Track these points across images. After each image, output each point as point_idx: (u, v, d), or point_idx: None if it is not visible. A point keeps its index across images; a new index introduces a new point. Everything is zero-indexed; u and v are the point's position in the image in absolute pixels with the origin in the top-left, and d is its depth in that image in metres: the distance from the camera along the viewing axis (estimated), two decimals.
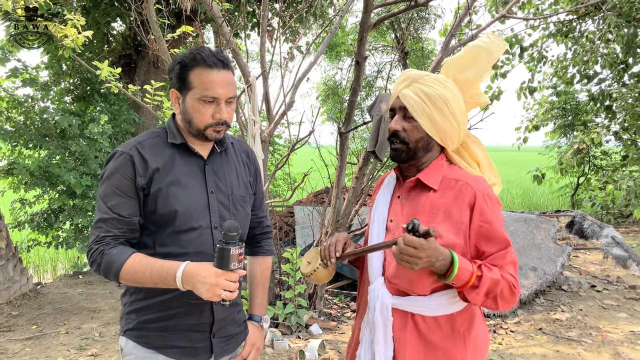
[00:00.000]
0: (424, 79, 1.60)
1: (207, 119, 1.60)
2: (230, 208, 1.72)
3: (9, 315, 5.11)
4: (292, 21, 5.23)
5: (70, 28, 4.14)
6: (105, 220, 1.60)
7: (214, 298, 1.45)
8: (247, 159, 1.89)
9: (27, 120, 6.97)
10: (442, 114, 1.57)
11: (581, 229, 6.37)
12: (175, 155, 1.67)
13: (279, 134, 10.55)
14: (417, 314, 1.56)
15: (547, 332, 4.66)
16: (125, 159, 1.61)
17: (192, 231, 1.63)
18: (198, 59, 1.57)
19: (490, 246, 1.51)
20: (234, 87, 1.63)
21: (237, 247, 1.44)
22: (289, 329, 4.62)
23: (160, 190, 1.61)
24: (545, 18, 9.32)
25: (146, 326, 1.68)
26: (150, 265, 1.54)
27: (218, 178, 1.73)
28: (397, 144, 1.61)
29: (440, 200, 1.55)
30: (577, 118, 11.61)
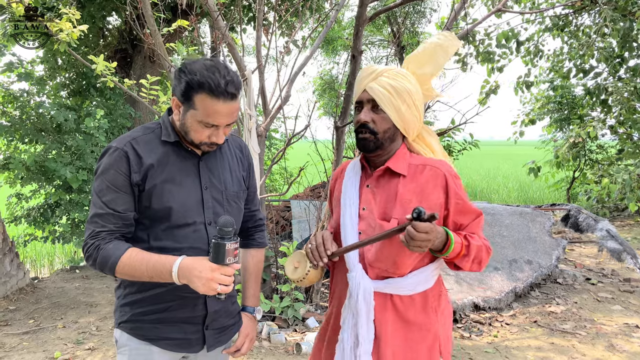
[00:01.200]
0: (389, 72, 1.70)
1: (203, 139, 1.63)
2: (224, 204, 1.75)
3: (6, 310, 5.12)
4: (287, 15, 5.22)
5: (66, 22, 4.12)
6: (101, 216, 1.61)
7: (209, 292, 1.48)
8: (241, 153, 1.90)
9: (22, 115, 6.95)
10: (407, 105, 1.68)
11: (576, 222, 6.40)
12: (170, 152, 1.69)
13: (275, 128, 10.55)
14: (395, 294, 1.69)
15: (542, 325, 4.69)
16: (119, 154, 1.62)
17: (186, 227, 1.66)
18: (205, 86, 1.52)
19: (465, 218, 1.70)
20: (236, 114, 1.63)
21: (233, 242, 1.48)
22: (285, 323, 4.64)
23: (155, 186, 1.63)
24: (541, 12, 9.31)
25: (140, 318, 1.71)
26: (146, 260, 1.56)
27: (212, 175, 1.75)
28: (365, 134, 1.70)
29: (411, 185, 1.68)
30: (573, 112, 11.64)
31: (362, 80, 1.73)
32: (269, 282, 5.03)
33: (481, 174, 21.73)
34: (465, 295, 5.00)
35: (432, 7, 12.69)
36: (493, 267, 5.45)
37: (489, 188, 17.04)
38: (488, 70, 9.49)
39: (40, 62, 7.85)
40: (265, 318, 4.67)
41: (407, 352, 1.68)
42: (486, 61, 9.43)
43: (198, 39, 7.18)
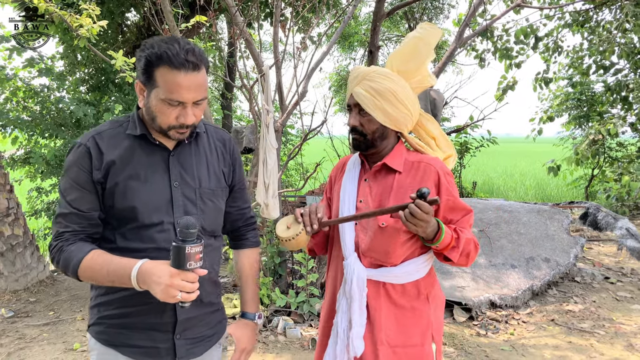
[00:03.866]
0: (371, 75, 1.76)
1: (171, 121, 1.49)
2: (197, 202, 1.61)
3: (27, 302, 5.21)
4: (305, 11, 5.22)
5: (86, 18, 4.17)
6: (65, 215, 1.53)
7: (169, 299, 1.35)
8: (223, 147, 1.76)
9: (43, 109, 7.06)
10: (392, 104, 1.74)
11: (595, 220, 6.32)
12: (135, 146, 1.57)
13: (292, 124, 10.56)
14: (388, 282, 1.77)
15: (559, 324, 4.65)
16: (82, 151, 1.53)
17: (153, 227, 1.54)
18: (164, 57, 1.41)
19: (456, 214, 1.77)
20: (203, 89, 1.49)
21: (195, 245, 1.35)
22: (301, 318, 4.66)
23: (117, 184, 1.52)
24: (561, 7, 9.19)
25: (105, 322, 1.61)
26: (108, 263, 1.45)
27: (184, 170, 1.61)
28: (356, 135, 1.80)
29: (406, 180, 1.77)
30: (593, 109, 11.48)
31: (350, 83, 1.82)
32: (284, 277, 5.05)
33: (498, 171, 21.54)
34: (482, 292, 4.98)
35: (451, 3, 12.59)
36: (510, 264, 5.41)
37: (506, 185, 16.89)
38: (506, 66, 9.39)
39: (60, 58, 7.96)
40: (280, 313, 4.70)
41: (400, 336, 1.76)
42: (504, 57, 9.33)
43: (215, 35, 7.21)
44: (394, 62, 1.85)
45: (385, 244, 1.74)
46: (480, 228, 5.97)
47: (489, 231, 5.94)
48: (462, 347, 4.16)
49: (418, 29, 1.87)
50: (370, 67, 1.81)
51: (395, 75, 1.79)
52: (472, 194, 12.75)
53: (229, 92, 11.70)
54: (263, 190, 4.10)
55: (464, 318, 4.75)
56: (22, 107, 7.05)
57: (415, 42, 1.83)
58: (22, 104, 7.05)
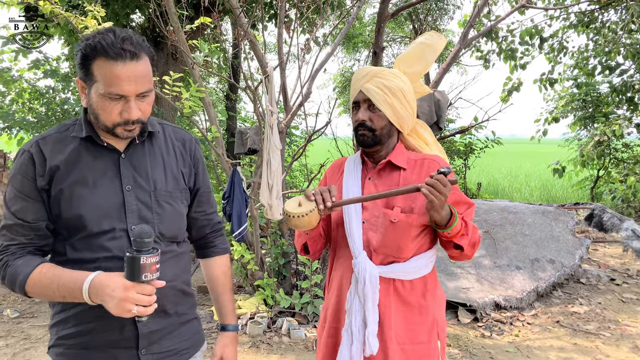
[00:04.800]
0: (382, 73, 1.81)
1: (115, 118, 1.38)
2: (152, 206, 1.49)
3: (32, 302, 5.23)
4: (309, 12, 5.22)
5: (91, 19, 4.18)
6: (10, 227, 1.42)
7: (124, 314, 1.27)
8: (183, 147, 1.63)
9: (48, 111, 7.10)
10: (400, 103, 1.80)
11: (600, 221, 6.30)
12: (81, 150, 1.45)
13: (296, 125, 10.57)
14: (397, 279, 1.79)
15: (564, 325, 4.63)
16: (25, 157, 1.42)
17: (103, 235, 1.42)
18: (99, 48, 1.31)
19: (460, 207, 1.80)
20: (146, 80, 1.38)
21: (150, 255, 1.27)
22: (305, 319, 4.65)
23: (62, 191, 1.41)
24: (566, 8, 9.16)
25: (64, 342, 1.48)
26: (57, 277, 1.35)
27: (137, 173, 1.49)
28: (364, 131, 1.82)
29: (411, 177, 1.81)
30: (598, 110, 11.43)
31: (357, 82, 1.84)
32: (289, 278, 5.05)
33: (503, 172, 21.48)
34: (486, 294, 4.96)
35: (455, 3, 12.57)
36: (515, 266, 5.40)
37: (510, 187, 16.83)
38: (511, 67, 9.37)
39: (65, 59, 7.99)
40: (285, 314, 4.70)
41: (408, 334, 1.78)
42: (509, 58, 9.31)
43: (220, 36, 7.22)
44: (401, 64, 1.93)
45: (397, 238, 1.77)
46: (485, 229, 5.96)
47: (493, 232, 5.92)
48: (467, 349, 4.15)
49: (426, 36, 1.97)
50: (380, 67, 1.86)
51: (404, 76, 1.86)
52: (476, 195, 12.72)
53: (234, 94, 11.72)
54: (267, 191, 4.11)
55: (468, 319, 4.74)
56: (27, 109, 7.09)
57: (422, 47, 1.93)
58: (27, 105, 7.10)
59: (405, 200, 1.77)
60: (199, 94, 4.16)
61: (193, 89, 4.09)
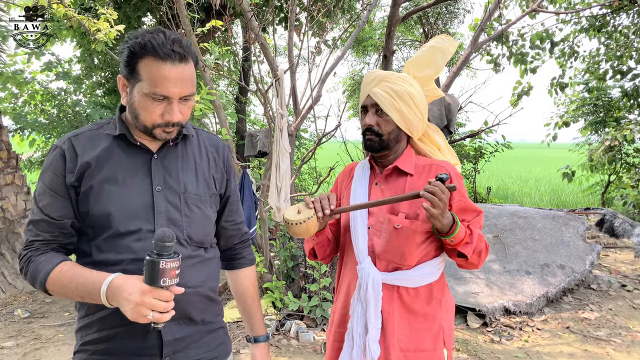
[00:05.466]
0: (390, 78, 1.78)
1: (155, 119, 1.37)
2: (182, 209, 1.46)
3: (43, 302, 5.27)
4: (319, 16, 5.24)
5: (103, 22, 4.22)
6: (36, 222, 1.41)
7: (139, 319, 1.22)
8: (216, 153, 1.61)
9: (60, 112, 7.16)
10: (409, 107, 1.77)
11: (612, 227, 6.26)
12: (114, 148, 1.44)
13: (305, 128, 10.60)
14: (402, 286, 1.76)
15: (574, 331, 4.59)
16: (57, 153, 1.41)
17: (129, 235, 1.39)
18: (148, 47, 1.31)
19: (467, 215, 1.77)
20: (190, 83, 1.38)
21: (171, 259, 1.22)
22: (313, 322, 4.65)
23: (92, 188, 1.39)
24: (577, 12, 9.12)
25: (88, 348, 1.44)
26: (77, 276, 1.32)
27: (169, 174, 1.47)
28: (371, 136, 1.80)
29: (418, 183, 1.77)
30: (609, 114, 11.35)
31: (366, 86, 1.82)
32: (297, 281, 5.06)
33: (513, 176, 21.38)
34: (496, 299, 4.94)
35: (466, 7, 12.55)
36: (524, 271, 5.37)
37: (520, 191, 16.75)
38: (521, 71, 9.34)
39: (77, 62, 8.06)
40: (293, 317, 4.70)
41: (412, 340, 1.76)
42: (519, 62, 9.28)
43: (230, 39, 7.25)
44: (411, 68, 1.90)
45: (401, 245, 1.75)
46: (495, 234, 5.93)
47: (503, 237, 5.89)
48: (476, 354, 4.13)
49: (437, 40, 1.93)
50: (388, 71, 1.82)
51: (413, 80, 1.83)
52: (486, 200, 12.67)
53: (244, 97, 11.76)
54: (275, 194, 4.12)
55: (477, 324, 4.72)
56: (39, 110, 7.16)
57: (433, 51, 1.90)
58: (39, 107, 7.16)
59: (411, 206, 1.75)
60: (210, 97, 4.19)
61: (204, 92, 4.11)
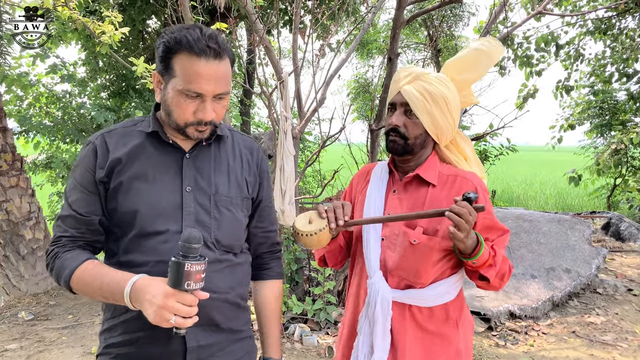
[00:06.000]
0: (426, 76, 1.63)
1: (188, 116, 1.33)
2: (211, 210, 1.42)
3: (47, 305, 5.27)
4: (324, 18, 5.23)
5: (108, 25, 4.23)
6: (65, 218, 1.39)
7: (162, 323, 1.18)
8: (250, 156, 1.56)
9: (64, 115, 7.18)
10: (441, 112, 1.61)
11: (618, 231, 6.22)
12: (146, 145, 1.41)
13: (309, 130, 10.58)
14: (415, 305, 1.62)
15: (580, 336, 4.56)
16: (90, 149, 1.40)
17: (157, 235, 1.35)
18: (183, 42, 1.27)
19: (492, 234, 1.63)
20: (225, 82, 1.34)
21: (197, 262, 1.18)
22: (317, 325, 4.63)
23: (121, 184, 1.37)
24: (583, 15, 9.09)
25: (111, 351, 1.41)
26: (102, 275, 1.29)
27: (200, 174, 1.43)
28: (395, 137, 1.64)
29: (440, 195, 1.62)
30: (615, 117, 11.31)
31: (398, 81, 1.67)
32: (301, 285, 5.04)
33: (517, 179, 21.32)
34: (501, 302, 4.90)
35: (471, 10, 12.53)
36: (530, 274, 5.33)
37: (525, 194, 16.70)
38: (526, 74, 9.32)
39: (82, 64, 8.09)
40: (297, 320, 4.68)
41: None
42: (524, 65, 9.26)
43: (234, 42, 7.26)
44: (450, 69, 1.75)
45: (416, 262, 1.60)
46: None
47: (508, 240, 5.86)
48: (481, 358, 4.10)
49: (483, 42, 1.77)
50: (425, 69, 1.69)
51: (451, 83, 1.67)
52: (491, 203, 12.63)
53: (248, 99, 11.77)
54: (280, 197, 4.10)
55: (482, 328, 4.69)
56: (44, 113, 7.18)
57: (477, 53, 1.74)
58: (44, 109, 7.18)
59: (430, 220, 1.59)
60: None
61: None
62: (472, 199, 1.41)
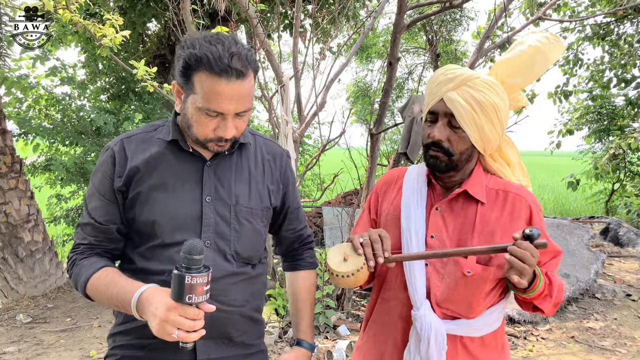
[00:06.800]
0: (474, 81, 1.38)
1: (208, 133, 1.30)
2: (231, 222, 1.39)
3: (45, 308, 5.25)
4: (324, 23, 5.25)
5: (109, 28, 4.23)
6: (84, 226, 1.38)
7: (165, 336, 1.13)
8: (273, 162, 1.52)
9: (64, 117, 7.18)
10: (491, 123, 1.40)
11: (616, 236, 6.23)
12: (165, 153, 1.38)
13: (308, 134, 10.60)
14: (466, 336, 1.45)
15: (579, 341, 4.56)
16: (108, 155, 1.37)
17: (174, 246, 1.33)
18: (204, 61, 1.21)
19: (544, 256, 1.46)
20: (248, 99, 1.29)
21: (199, 274, 1.11)
22: (316, 329, 4.63)
23: (140, 194, 1.34)
24: (581, 20, 9.12)
25: (116, 353, 1.41)
26: (114, 284, 1.26)
27: (221, 184, 1.40)
28: (438, 152, 1.42)
29: (491, 215, 1.42)
30: (613, 123, 11.36)
31: (440, 85, 1.41)
32: None
33: None
34: None
35: (470, 15, 12.57)
36: None
37: None
38: None
39: (82, 67, 8.09)
40: None
41: None
42: None
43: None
44: (501, 71, 1.49)
45: (469, 295, 1.41)
46: None
47: None
48: None
49: (541, 38, 1.49)
50: (473, 71, 1.43)
51: (501, 88, 1.44)
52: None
53: None
54: None
55: None
56: (44, 115, 7.17)
57: (533, 52, 1.48)
58: (44, 111, 7.18)
59: (486, 243, 1.40)
60: None
61: None
62: (535, 236, 1.22)
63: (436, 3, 4.27)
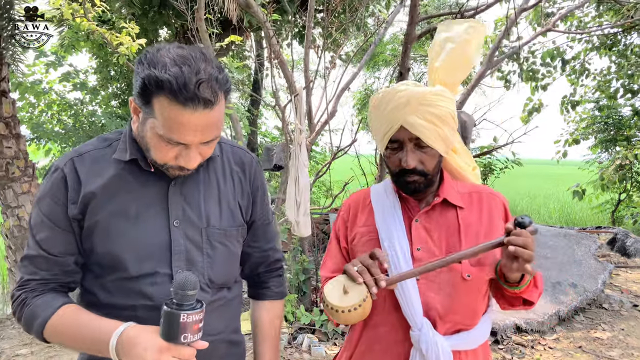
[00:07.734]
0: (427, 98, 1.35)
1: (168, 160, 1.14)
2: (203, 247, 1.24)
3: None
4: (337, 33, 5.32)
5: (125, 36, 4.31)
6: (32, 258, 1.20)
7: None
8: (242, 173, 1.36)
9: (76, 122, 7.27)
10: (451, 129, 1.39)
11: (623, 246, 6.25)
12: (124, 175, 1.20)
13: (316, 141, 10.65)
14: (462, 350, 1.39)
15: (587, 351, 4.58)
16: (57, 177, 1.18)
17: (143, 278, 1.18)
18: (166, 86, 1.02)
19: None
20: (216, 127, 1.12)
21: (194, 312, 1.01)
22: (325, 336, 4.66)
23: (97, 223, 1.17)
24: (589, 32, 9.17)
25: None
26: (82, 325, 1.12)
27: (189, 205, 1.24)
28: (414, 177, 1.37)
29: (472, 217, 1.42)
30: (620, 133, 11.37)
31: (394, 111, 1.36)
32: (308, 295, 5.07)
33: (521, 193, 21.32)
34: (507, 316, 4.93)
35: None
36: None
37: (529, 208, 16.70)
38: (532, 88, 9.39)
39: (93, 73, 8.19)
40: (305, 330, 4.71)
41: None
42: (530, 79, 9.34)
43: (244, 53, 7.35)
44: (442, 74, 1.50)
45: (472, 300, 1.37)
46: None
47: None
48: None
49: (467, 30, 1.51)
50: (418, 85, 1.40)
51: (448, 92, 1.42)
52: None
53: (255, 109, 11.85)
54: (294, 208, 4.16)
55: (489, 342, 4.71)
56: (56, 120, 7.27)
57: (463, 46, 1.50)
58: (56, 116, 7.27)
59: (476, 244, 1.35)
60: (227, 110, 4.25)
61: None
62: (527, 224, 1.22)
63: (448, 14, 4.32)
